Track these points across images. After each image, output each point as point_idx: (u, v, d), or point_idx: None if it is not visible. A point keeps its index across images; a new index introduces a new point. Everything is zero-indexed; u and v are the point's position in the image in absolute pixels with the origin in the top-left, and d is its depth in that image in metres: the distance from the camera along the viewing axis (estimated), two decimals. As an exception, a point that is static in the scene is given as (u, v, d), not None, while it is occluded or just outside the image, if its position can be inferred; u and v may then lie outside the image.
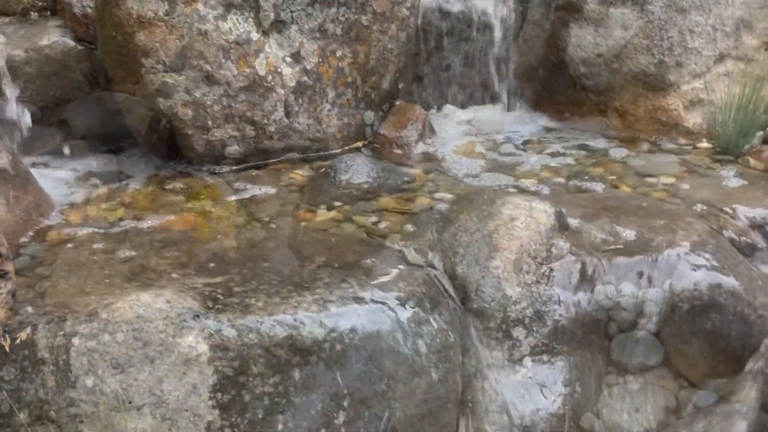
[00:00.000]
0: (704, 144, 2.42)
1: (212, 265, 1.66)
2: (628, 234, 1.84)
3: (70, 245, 1.78)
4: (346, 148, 2.38)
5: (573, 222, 1.85)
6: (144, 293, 1.44)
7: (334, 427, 1.48)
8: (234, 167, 2.24)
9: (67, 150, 2.29)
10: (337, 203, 2.02)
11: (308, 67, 2.27)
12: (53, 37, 2.25)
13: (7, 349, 1.39)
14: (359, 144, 2.42)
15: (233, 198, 2.06)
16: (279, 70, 2.23)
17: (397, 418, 1.52)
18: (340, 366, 1.49)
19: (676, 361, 1.78)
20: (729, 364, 1.78)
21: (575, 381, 1.69)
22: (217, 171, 2.22)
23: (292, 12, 2.22)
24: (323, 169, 2.19)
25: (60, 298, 1.51)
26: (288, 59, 2.24)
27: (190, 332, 1.41)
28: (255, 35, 2.18)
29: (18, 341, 1.40)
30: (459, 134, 2.53)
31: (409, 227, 1.88)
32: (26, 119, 2.19)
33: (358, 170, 2.16)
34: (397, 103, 2.52)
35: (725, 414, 1.73)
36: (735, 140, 2.34)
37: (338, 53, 2.31)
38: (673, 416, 1.78)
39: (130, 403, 1.37)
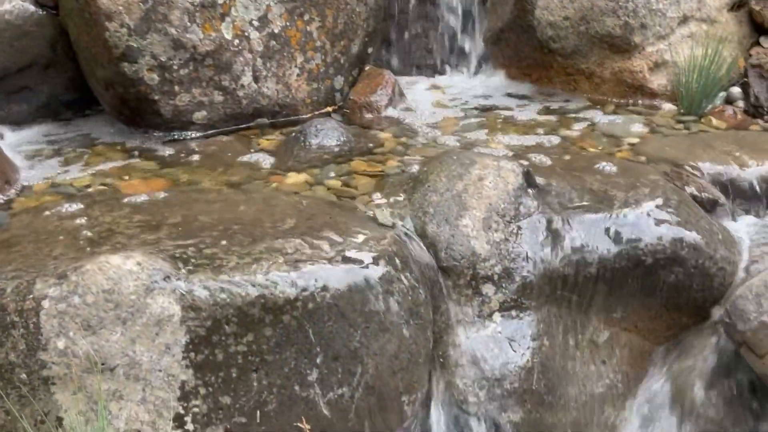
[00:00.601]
0: (668, 105, 2.46)
1: (183, 228, 1.65)
2: (594, 192, 1.87)
3: (36, 212, 1.76)
4: (316, 113, 2.37)
5: (540, 181, 1.88)
6: (114, 255, 1.43)
7: (307, 384, 1.50)
8: (203, 133, 2.22)
9: (30, 117, 2.25)
10: (307, 167, 2.02)
11: (276, 31, 2.25)
12: (13, 1, 2.19)
13: (-24, 314, 1.38)
14: (329, 109, 2.41)
15: (203, 162, 2.05)
16: (246, 33, 2.20)
17: (370, 373, 1.55)
18: (312, 324, 1.51)
19: (641, 313, 1.83)
20: (691, 315, 1.84)
21: (543, 335, 1.73)
22: (185, 137, 2.20)
23: (257, -26, 2.20)
24: (293, 133, 2.19)
25: (28, 262, 1.49)
26: (255, 23, 2.22)
27: (162, 293, 1.41)
28: (220, -2, 2.16)
29: (-13, 306, 1.39)
30: (428, 99, 2.53)
31: (380, 189, 1.89)
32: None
33: (329, 134, 2.16)
34: (367, 68, 2.51)
35: (688, 364, 1.79)
36: (698, 101, 2.38)
37: (306, 17, 2.30)
38: (638, 367, 1.83)
39: (102, 364, 1.38)
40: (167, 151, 2.12)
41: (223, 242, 1.58)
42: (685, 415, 1.76)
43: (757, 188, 2.01)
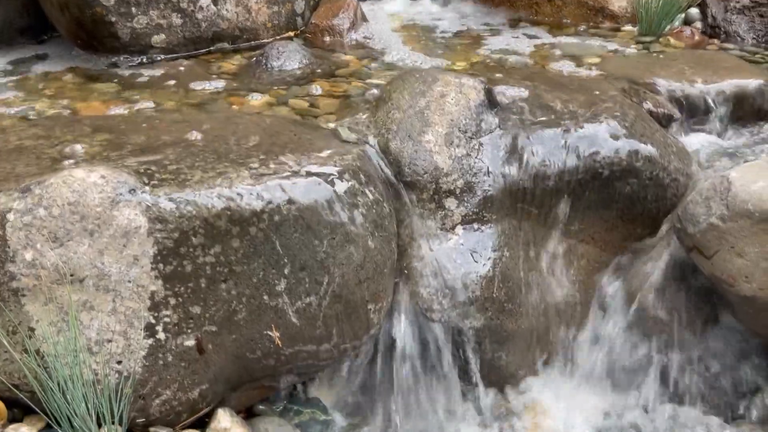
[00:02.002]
0: (628, 27, 2.49)
1: (146, 146, 1.65)
2: (554, 108, 1.90)
3: (-4, 134, 1.74)
4: (278, 38, 2.35)
5: (502, 98, 1.91)
6: (77, 169, 1.43)
7: (276, 293, 1.54)
8: (162, 57, 2.19)
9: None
10: (270, 88, 2.02)
11: (234, -49, 2.21)
12: None
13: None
14: (290, 34, 2.39)
15: (164, 86, 2.03)
16: (203, -47, 2.16)
17: (337, 283, 1.59)
18: (279, 236, 1.53)
19: (597, 225, 1.89)
20: (646, 226, 1.91)
21: (504, 247, 1.79)
22: (145, 61, 2.17)
23: None
24: (255, 57, 2.17)
25: (-10, 179, 1.49)
26: (212, -58, 2.17)
27: (128, 205, 1.42)
28: None
29: (-50, 222, 1.39)
30: (390, 22, 2.53)
31: (343, 108, 1.91)
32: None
33: (291, 57, 2.15)
34: (329, -9, 2.49)
35: (641, 271, 1.87)
36: (657, 22, 2.42)
37: (264, -64, 2.25)
38: (595, 275, 1.91)
39: (71, 275, 1.39)
40: (127, 75, 2.09)
41: (187, 159, 1.58)
42: (638, 319, 1.85)
43: (711, 104, 2.07)
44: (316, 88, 2.01)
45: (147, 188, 1.46)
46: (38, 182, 1.42)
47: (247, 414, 1.65)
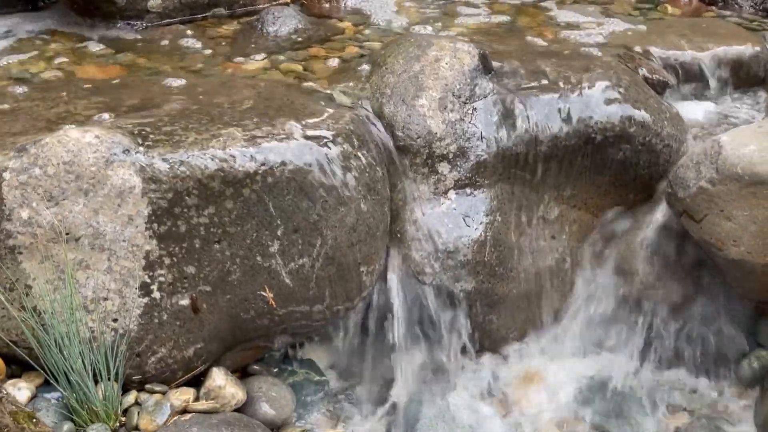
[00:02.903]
0: (627, -6, 2.48)
1: (140, 108, 1.66)
2: (549, 74, 1.91)
3: (-8, 96, 1.75)
4: (274, 3, 2.34)
5: (497, 64, 1.91)
6: (72, 129, 1.45)
7: (269, 255, 1.56)
8: (159, 22, 2.19)
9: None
10: (265, 53, 2.02)
11: None
12: None
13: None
14: (287, 0, 2.39)
15: (159, 50, 2.04)
16: None
17: (330, 245, 1.61)
18: (272, 197, 1.55)
19: (590, 191, 1.90)
20: (638, 192, 1.92)
21: (496, 211, 1.80)
22: (141, 26, 2.18)
23: None
24: (251, 22, 2.17)
25: (-14, 139, 1.50)
26: None
27: (122, 165, 1.44)
28: None
29: (-53, 182, 1.41)
30: (387, -11, 2.52)
31: (338, 73, 1.91)
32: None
33: (287, 22, 2.15)
34: (325, -43, 2.47)
35: (634, 236, 1.89)
36: (656, -11, 2.41)
37: None
38: (587, 240, 1.93)
39: (67, 234, 1.41)
40: (123, 39, 2.10)
41: (181, 120, 1.60)
42: (628, 284, 1.87)
43: (707, 71, 2.07)
44: (311, 53, 2.02)
45: (141, 149, 1.48)
46: (34, 142, 1.43)
47: (242, 374, 1.68)
